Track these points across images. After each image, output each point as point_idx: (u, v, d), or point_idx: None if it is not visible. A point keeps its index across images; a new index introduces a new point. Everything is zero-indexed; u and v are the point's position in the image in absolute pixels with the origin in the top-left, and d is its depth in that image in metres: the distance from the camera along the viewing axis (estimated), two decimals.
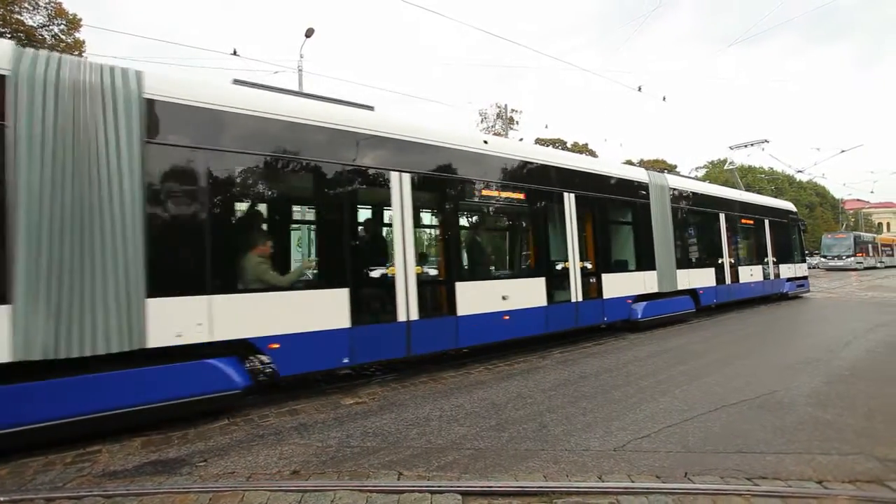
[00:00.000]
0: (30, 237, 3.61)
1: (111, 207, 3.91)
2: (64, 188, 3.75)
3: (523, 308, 6.99)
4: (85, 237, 3.80)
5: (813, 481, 2.97)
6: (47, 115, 3.73)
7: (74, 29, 18.93)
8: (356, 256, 5.49)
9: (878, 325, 9.19)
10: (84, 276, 3.77)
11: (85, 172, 3.84)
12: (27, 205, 3.61)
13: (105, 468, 3.38)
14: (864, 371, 5.68)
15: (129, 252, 3.95)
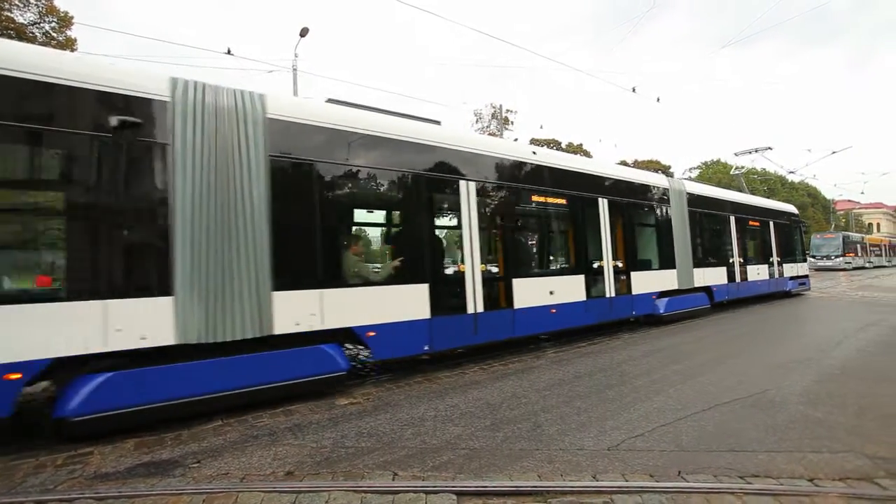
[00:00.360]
0: (184, 238, 4.26)
1: (244, 213, 4.59)
2: (210, 197, 4.41)
3: (567, 302, 7.76)
4: (226, 239, 4.47)
5: (804, 479, 3.00)
6: (196, 135, 4.40)
7: (66, 27, 18.76)
8: (434, 255, 6.23)
9: (868, 325, 9.29)
10: (226, 273, 4.44)
11: (225, 183, 4.52)
12: (182, 211, 4.27)
13: (97, 470, 3.35)
14: (854, 370, 5.75)
15: (258, 251, 4.65)
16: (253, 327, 4.57)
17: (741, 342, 8.03)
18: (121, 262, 4.20)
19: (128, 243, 4.26)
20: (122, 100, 4.22)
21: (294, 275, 4.96)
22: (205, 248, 4.35)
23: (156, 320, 4.17)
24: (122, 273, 4.18)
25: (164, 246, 4.26)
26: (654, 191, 10.21)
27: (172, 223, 4.25)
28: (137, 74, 4.48)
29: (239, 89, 4.81)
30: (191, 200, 4.31)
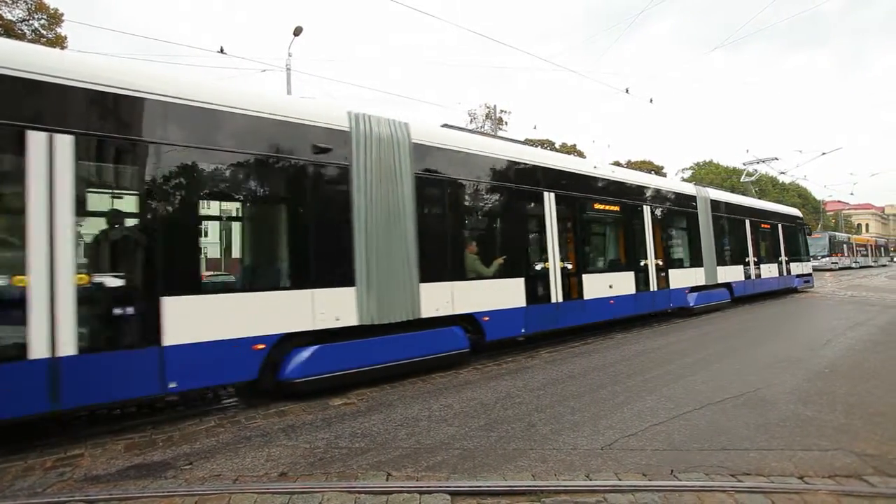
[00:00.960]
0: (360, 239, 5.38)
1: (400, 220, 5.73)
2: (376, 207, 5.53)
3: (622, 294, 9.09)
4: (388, 240, 5.60)
5: (794, 477, 3.03)
6: (367, 157, 5.54)
7: (56, 24, 18.55)
8: (527, 255, 7.55)
9: (857, 324, 9.41)
10: (389, 267, 5.57)
11: (386, 197, 5.63)
12: (359, 218, 5.39)
13: (87, 472, 3.31)
14: (843, 369, 5.82)
15: (409, 250, 5.80)
16: (407, 312, 5.73)
17: (732, 342, 8.10)
18: (321, 258, 5.22)
19: (324, 244, 5.30)
20: (323, 131, 5.36)
21: (434, 270, 6.10)
22: (374, 248, 5.48)
23: (344, 306, 5.30)
24: (323, 268, 5.20)
25: (348, 246, 5.36)
26: (685, 198, 11.57)
27: (353, 228, 5.37)
28: (330, 111, 5.61)
29: (391, 119, 5.96)
30: (364, 210, 5.44)
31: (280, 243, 5.22)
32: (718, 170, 50.67)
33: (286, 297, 4.94)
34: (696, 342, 8.06)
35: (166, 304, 4.17)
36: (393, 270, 5.62)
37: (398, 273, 5.66)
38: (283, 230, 5.20)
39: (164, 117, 4.38)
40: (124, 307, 4.06)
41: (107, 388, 3.95)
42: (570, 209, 8.39)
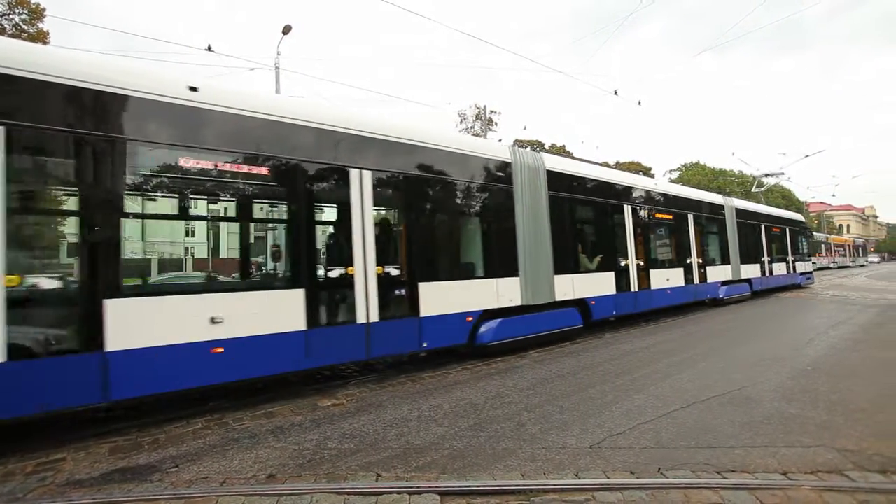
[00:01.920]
0: (521, 244, 7.51)
1: (540, 228, 7.90)
2: (530, 219, 7.70)
3: (675, 286, 11.42)
4: (535, 244, 7.75)
5: (778, 473, 3.09)
6: (522, 181, 7.66)
7: (37, 19, 18.14)
8: (615, 253, 9.77)
9: (838, 323, 9.62)
10: (536, 264, 7.71)
11: (532, 211, 7.78)
12: (519, 228, 7.52)
13: (69, 477, 3.25)
14: (825, 367, 5.94)
15: (547, 251, 7.97)
16: (547, 296, 7.91)
17: (718, 341, 8.23)
18: (501, 256, 7.40)
19: (502, 246, 7.41)
20: (498, 163, 7.49)
21: (561, 265, 8.21)
22: (528, 249, 7.62)
23: (514, 291, 7.39)
24: (502, 263, 7.34)
25: (514, 247, 7.47)
26: (715, 206, 13.91)
27: (517, 234, 7.48)
28: (498, 147, 7.87)
29: (533, 152, 8.53)
30: (522, 221, 7.57)
31: (477, 245, 7.25)
32: (705, 171, 51.24)
33: (483, 284, 7.06)
34: (682, 341, 8.17)
35: (422, 288, 6.21)
36: (539, 265, 7.80)
37: (542, 267, 7.86)
38: (479, 236, 7.26)
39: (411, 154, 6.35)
40: (401, 289, 6.13)
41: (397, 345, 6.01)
42: (638, 217, 10.50)
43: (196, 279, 6.29)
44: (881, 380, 5.31)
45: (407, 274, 6.08)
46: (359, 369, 6.60)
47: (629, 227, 10.10)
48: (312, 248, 5.42)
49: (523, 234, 7.53)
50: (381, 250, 5.81)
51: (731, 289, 13.86)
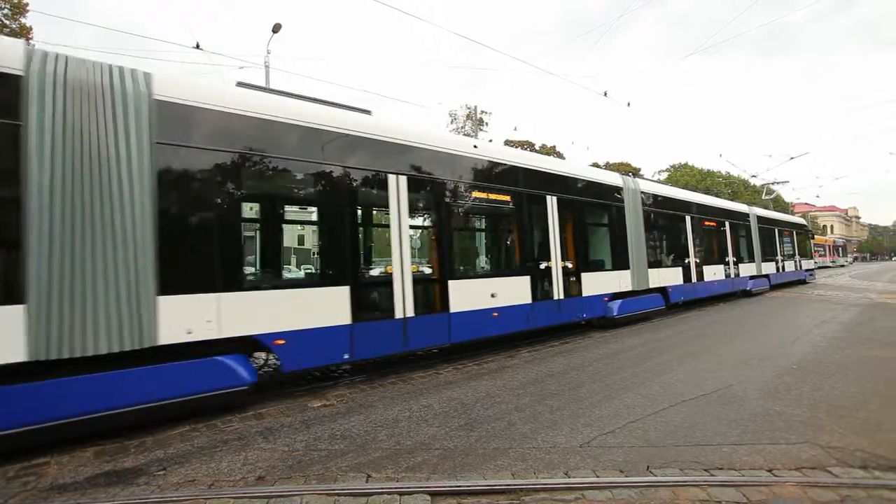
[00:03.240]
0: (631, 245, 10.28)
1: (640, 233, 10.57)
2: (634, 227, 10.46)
3: (719, 279, 14.19)
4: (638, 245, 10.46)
5: (764, 470, 3.13)
6: (629, 199, 10.48)
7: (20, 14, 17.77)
8: (681, 253, 12.39)
9: (822, 322, 9.79)
10: (639, 260, 10.43)
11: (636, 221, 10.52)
12: (629, 234, 10.27)
13: (53, 481, 3.19)
14: (810, 365, 6.04)
15: (643, 250, 10.63)
16: (646, 284, 10.63)
17: (706, 340, 8.32)
18: (619, 255, 10.01)
19: (620, 247, 10.11)
20: (615, 188, 10.22)
21: (651, 261, 10.97)
22: (635, 248, 10.32)
23: (627, 280, 10.06)
24: (620, 260, 10.03)
25: (626, 248, 10.18)
26: (744, 214, 16.78)
27: (627, 239, 10.22)
28: (613, 175, 10.64)
29: (633, 178, 11.29)
30: (630, 229, 10.32)
31: (607, 247, 9.99)
32: (693, 172, 51.88)
33: (614, 274, 9.89)
34: (669, 341, 8.25)
35: (584, 277, 9.05)
36: (640, 261, 10.48)
37: (642, 262, 10.55)
38: (608, 240, 9.98)
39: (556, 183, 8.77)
40: (574, 277, 8.87)
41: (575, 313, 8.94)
42: (695, 225, 13.58)
43: (484, 270, 7.85)
44: (864, 377, 5.42)
45: (574, 268, 8.95)
46: (349, 370, 6.57)
47: (689, 232, 12.90)
48: (532, 247, 8.16)
49: (631, 238, 10.35)
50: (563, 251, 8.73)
51: (756, 282, 16.76)
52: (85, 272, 3.88)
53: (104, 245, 3.99)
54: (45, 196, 3.77)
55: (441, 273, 6.56)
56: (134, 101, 4.25)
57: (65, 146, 3.91)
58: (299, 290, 5.27)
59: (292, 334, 4.96)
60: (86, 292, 3.88)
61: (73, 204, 3.88)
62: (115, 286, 4.01)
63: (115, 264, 4.02)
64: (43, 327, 3.69)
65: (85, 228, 3.92)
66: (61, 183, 3.85)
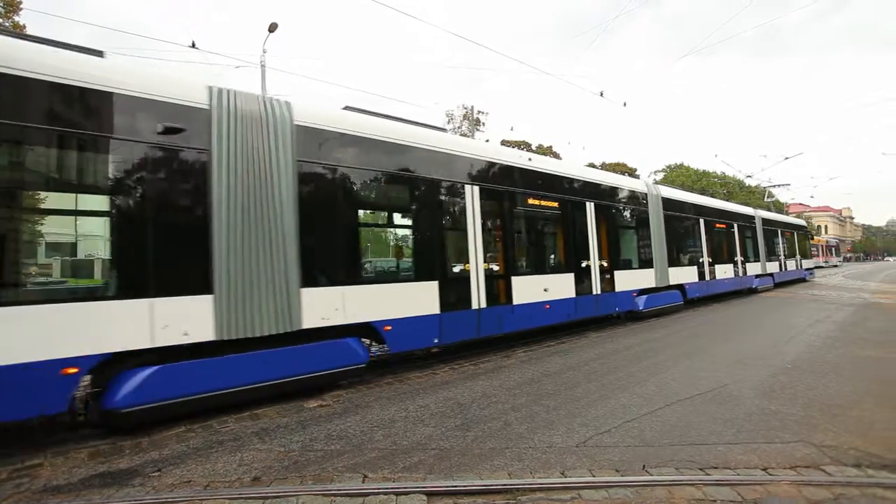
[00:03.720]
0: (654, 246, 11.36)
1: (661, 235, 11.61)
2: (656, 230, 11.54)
3: (729, 278, 15.37)
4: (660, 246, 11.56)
5: (759, 469, 3.15)
6: (651, 204, 11.55)
7: (13, 11, 17.62)
8: (696, 253, 13.59)
9: (816, 321, 9.86)
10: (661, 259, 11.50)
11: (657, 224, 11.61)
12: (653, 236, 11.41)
13: (47, 483, 3.17)
14: (804, 364, 6.08)
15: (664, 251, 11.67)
16: (667, 281, 11.58)
17: (701, 340, 8.36)
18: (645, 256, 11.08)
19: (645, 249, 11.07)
20: (641, 193, 11.36)
21: (670, 261, 11.86)
22: (657, 249, 11.34)
23: (651, 278, 11.09)
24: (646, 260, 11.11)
25: (650, 249, 11.13)
26: (750, 217, 18.03)
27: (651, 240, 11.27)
28: (641, 182, 11.78)
29: (655, 184, 12.72)
30: (653, 231, 11.35)
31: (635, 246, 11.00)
32: (689, 172, 52.09)
33: (640, 272, 10.91)
34: (665, 341, 8.28)
35: (616, 275, 9.95)
36: (662, 260, 11.58)
37: (664, 262, 11.63)
38: (635, 241, 11.02)
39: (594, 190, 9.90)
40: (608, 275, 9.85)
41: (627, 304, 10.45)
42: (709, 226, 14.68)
43: (539, 267, 8.61)
44: (857, 376, 5.46)
45: (609, 267, 9.87)
46: None
47: (703, 233, 13.87)
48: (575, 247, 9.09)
49: (654, 239, 11.30)
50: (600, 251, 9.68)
51: (761, 280, 17.93)
52: (252, 268, 4.80)
53: (265, 246, 4.90)
54: (224, 208, 4.66)
55: (506, 270, 7.57)
56: (282, 126, 5.15)
57: (237, 166, 4.79)
58: (401, 285, 6.26)
59: (397, 321, 5.93)
60: (254, 285, 4.78)
61: (243, 214, 4.77)
62: (274, 280, 4.91)
63: (273, 261, 4.93)
64: (224, 313, 4.58)
65: (252, 233, 4.82)
66: (236, 197, 4.75)
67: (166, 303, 4.30)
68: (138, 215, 4.30)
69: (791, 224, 23.23)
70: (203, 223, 4.58)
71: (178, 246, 4.55)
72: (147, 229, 4.32)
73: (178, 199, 4.58)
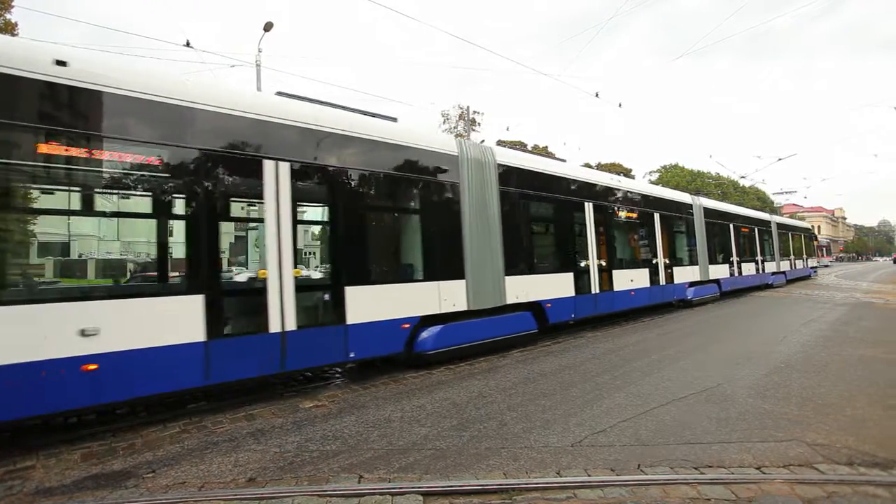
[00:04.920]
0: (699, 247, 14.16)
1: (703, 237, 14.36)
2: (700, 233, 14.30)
3: (752, 274, 17.91)
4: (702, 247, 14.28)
5: (752, 468, 3.17)
6: (696, 212, 14.25)
7: (4, 9, 17.46)
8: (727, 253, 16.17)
9: (809, 321, 9.93)
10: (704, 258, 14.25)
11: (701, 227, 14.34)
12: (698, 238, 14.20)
13: (39, 485, 3.14)
14: (797, 364, 6.13)
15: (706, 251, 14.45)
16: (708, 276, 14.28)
17: (695, 340, 8.40)
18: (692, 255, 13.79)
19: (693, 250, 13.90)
20: (688, 205, 14.04)
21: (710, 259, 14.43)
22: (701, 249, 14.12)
23: (697, 272, 13.78)
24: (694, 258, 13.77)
25: (696, 249, 13.86)
26: (767, 222, 20.70)
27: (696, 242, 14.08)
28: (687, 195, 14.43)
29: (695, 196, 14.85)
30: (698, 234, 14.11)
31: (685, 247, 13.41)
32: (684, 172, 52.36)
33: (689, 269, 13.35)
34: (659, 340, 8.32)
35: (674, 270, 12.63)
36: (704, 259, 14.05)
37: (705, 260, 14.14)
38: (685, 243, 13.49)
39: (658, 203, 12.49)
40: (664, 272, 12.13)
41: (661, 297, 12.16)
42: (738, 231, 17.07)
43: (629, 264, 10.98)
44: (849, 375, 5.51)
45: (669, 264, 12.34)
46: (341, 370, 6.54)
47: (732, 237, 16.48)
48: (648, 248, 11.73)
49: (699, 241, 14.07)
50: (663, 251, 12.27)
51: (776, 276, 20.75)
52: (483, 262, 7.21)
53: (487, 247, 7.31)
54: (469, 221, 7.08)
55: (610, 265, 10.09)
56: (491, 164, 7.64)
57: (473, 192, 7.21)
58: (553, 275, 8.73)
59: (552, 300, 8.47)
60: (484, 273, 7.21)
61: (478, 225, 7.23)
62: (493, 270, 7.36)
63: (492, 258, 7.36)
64: (472, 292, 7.00)
65: (482, 238, 7.25)
66: (474, 214, 7.17)
67: (446, 284, 6.70)
68: (433, 227, 6.72)
69: (799, 227, 26.43)
70: (459, 231, 6.99)
71: (449, 246, 6.89)
72: (435, 236, 6.74)
73: (448, 216, 6.96)
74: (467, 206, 7.00)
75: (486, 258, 7.19)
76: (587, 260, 9.51)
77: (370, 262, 6.06)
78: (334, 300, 5.43)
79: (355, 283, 5.61)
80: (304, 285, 5.36)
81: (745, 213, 18.93)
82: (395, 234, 6.76)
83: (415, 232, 6.64)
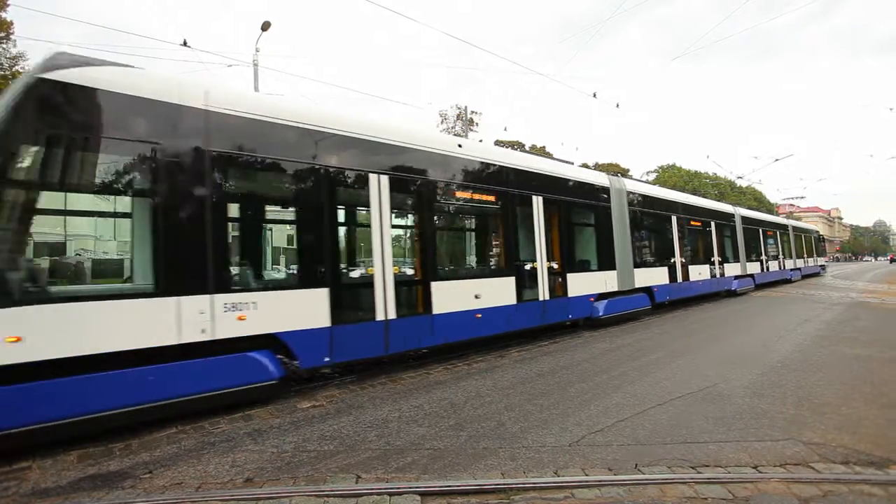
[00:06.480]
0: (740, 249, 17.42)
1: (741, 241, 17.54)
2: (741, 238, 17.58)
3: (775, 270, 21.18)
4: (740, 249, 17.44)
5: (749, 467, 3.19)
6: (737, 218, 17.67)
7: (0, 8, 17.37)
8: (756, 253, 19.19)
9: (806, 321, 9.98)
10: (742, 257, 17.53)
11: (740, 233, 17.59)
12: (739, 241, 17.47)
13: (35, 486, 3.13)
14: (793, 363, 6.15)
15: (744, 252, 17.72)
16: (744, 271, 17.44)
17: (693, 339, 8.43)
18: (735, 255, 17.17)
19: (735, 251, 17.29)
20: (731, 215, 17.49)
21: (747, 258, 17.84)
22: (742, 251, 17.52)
23: (737, 268, 17.09)
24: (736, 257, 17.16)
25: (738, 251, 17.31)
26: (784, 225, 23.55)
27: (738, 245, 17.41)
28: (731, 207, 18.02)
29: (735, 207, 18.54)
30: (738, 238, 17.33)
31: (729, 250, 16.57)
32: (681, 172, 52.52)
33: (733, 265, 16.52)
34: (657, 340, 8.34)
35: (728, 267, 16.11)
36: (742, 258, 17.25)
37: (744, 258, 17.44)
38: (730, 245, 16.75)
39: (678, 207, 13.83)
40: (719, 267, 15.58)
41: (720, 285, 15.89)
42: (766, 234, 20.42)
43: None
44: (845, 374, 5.54)
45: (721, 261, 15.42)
46: (339, 370, 6.54)
47: (762, 239, 19.52)
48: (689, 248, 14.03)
49: (741, 244, 17.04)
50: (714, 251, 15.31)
51: (793, 273, 23.45)
52: (624, 259, 10.56)
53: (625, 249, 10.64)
54: (616, 232, 10.42)
55: (687, 262, 13.37)
56: (624, 192, 10.98)
57: (616, 212, 10.44)
58: (657, 268, 11.73)
59: (658, 286, 11.59)
60: (624, 266, 10.51)
61: (620, 234, 10.51)
62: (628, 264, 10.63)
63: (627, 256, 10.62)
64: (618, 278, 10.27)
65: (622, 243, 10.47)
66: (618, 227, 10.48)
67: (608, 273, 9.95)
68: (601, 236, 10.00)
69: (810, 230, 29.98)
70: (611, 238, 10.21)
71: (607, 249, 10.07)
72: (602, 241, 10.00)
73: (607, 227, 10.21)
74: (614, 221, 10.28)
75: (625, 256, 10.42)
76: (675, 258, 12.69)
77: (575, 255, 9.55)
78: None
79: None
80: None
81: (772, 220, 22.54)
82: (579, 241, 9.67)
83: (589, 240, 9.95)
